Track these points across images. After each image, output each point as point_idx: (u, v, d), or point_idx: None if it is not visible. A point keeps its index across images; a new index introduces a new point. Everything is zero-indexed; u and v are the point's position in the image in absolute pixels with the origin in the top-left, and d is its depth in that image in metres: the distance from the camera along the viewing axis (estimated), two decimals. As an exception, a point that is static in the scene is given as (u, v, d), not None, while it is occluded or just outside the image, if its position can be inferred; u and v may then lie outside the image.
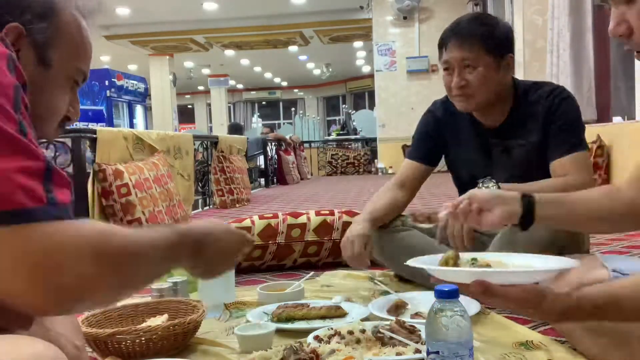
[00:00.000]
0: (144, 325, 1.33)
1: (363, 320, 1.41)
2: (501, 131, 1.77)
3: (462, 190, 1.82)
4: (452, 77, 1.70)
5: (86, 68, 0.87)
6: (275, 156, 8.65)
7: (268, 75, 19.46)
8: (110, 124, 9.89)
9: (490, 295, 0.87)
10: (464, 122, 1.84)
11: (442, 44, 1.73)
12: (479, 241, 1.90)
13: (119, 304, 1.47)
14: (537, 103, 1.72)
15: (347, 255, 1.73)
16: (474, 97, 1.70)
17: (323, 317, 1.52)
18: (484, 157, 1.81)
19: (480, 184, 1.69)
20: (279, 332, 1.40)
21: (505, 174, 1.76)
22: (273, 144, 8.76)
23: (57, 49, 0.80)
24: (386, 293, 1.74)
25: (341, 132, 12.53)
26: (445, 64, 1.71)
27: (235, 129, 9.06)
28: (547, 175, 1.71)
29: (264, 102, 22.61)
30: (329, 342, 1.23)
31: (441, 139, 1.92)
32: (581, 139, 1.69)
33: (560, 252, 1.43)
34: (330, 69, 17.50)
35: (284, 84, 21.21)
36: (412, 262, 1.02)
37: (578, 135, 1.69)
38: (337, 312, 1.53)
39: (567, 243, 1.53)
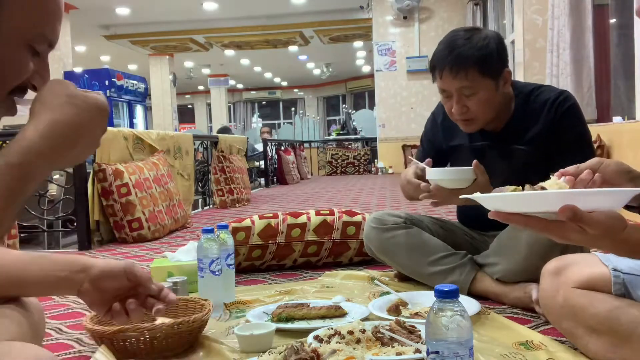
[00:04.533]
0: (148, 323, 1.33)
1: (363, 320, 1.41)
2: (501, 136, 1.75)
3: None
4: (451, 102, 1.66)
5: (50, 32, 0.76)
6: (275, 156, 8.65)
7: (268, 75, 19.46)
8: (110, 123, 9.88)
9: (577, 220, 0.81)
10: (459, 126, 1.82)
11: (435, 69, 1.67)
12: (479, 241, 1.90)
13: None
14: (540, 110, 1.68)
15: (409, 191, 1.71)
16: (476, 120, 1.67)
17: (323, 317, 1.52)
18: (480, 163, 1.80)
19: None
20: (279, 332, 1.40)
21: (501, 177, 1.75)
22: (273, 144, 8.77)
23: (9, 6, 0.71)
24: (386, 293, 1.74)
25: (341, 132, 12.52)
26: (443, 92, 1.67)
27: (223, 132, 9.08)
28: (544, 179, 1.69)
29: (264, 102, 22.60)
30: (329, 342, 1.23)
31: (440, 146, 1.91)
32: (593, 149, 1.69)
33: (562, 252, 1.43)
34: (330, 69, 17.50)
35: (284, 83, 21.20)
36: (474, 196, 0.90)
37: (589, 145, 1.67)
38: (337, 312, 1.53)
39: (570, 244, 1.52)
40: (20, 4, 0.72)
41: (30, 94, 0.78)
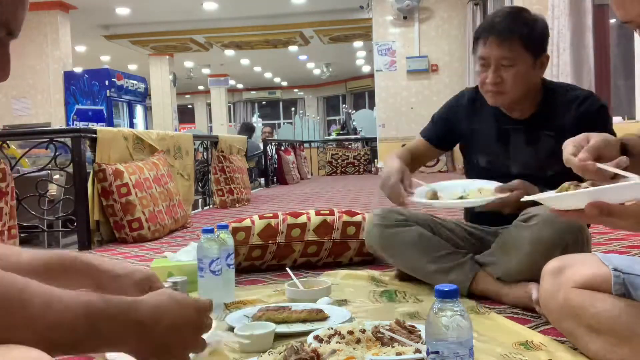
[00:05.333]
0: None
1: (344, 323, 1.40)
2: (529, 123, 1.78)
3: (473, 176, 1.84)
4: (488, 72, 1.70)
5: (9, 18, 0.67)
6: (275, 156, 8.64)
7: (268, 75, 19.46)
8: (110, 123, 9.88)
9: (607, 214, 0.84)
10: (488, 112, 1.84)
11: (479, 38, 1.71)
12: (480, 241, 1.90)
13: None
14: (570, 103, 1.72)
15: (386, 191, 1.71)
16: (506, 94, 1.71)
17: (304, 321, 1.49)
18: (503, 147, 1.81)
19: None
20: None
21: (522, 163, 1.77)
22: (273, 144, 8.76)
23: None
24: (387, 292, 1.74)
25: (341, 132, 12.52)
26: (482, 60, 1.71)
27: (246, 129, 9.02)
28: (564, 169, 1.66)
29: (264, 102, 22.61)
30: (329, 342, 1.23)
31: (458, 127, 1.92)
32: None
33: (563, 251, 1.43)
34: (330, 69, 17.49)
35: (284, 83, 21.20)
36: (527, 198, 0.98)
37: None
38: (318, 316, 1.51)
39: (571, 242, 1.53)
40: None
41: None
